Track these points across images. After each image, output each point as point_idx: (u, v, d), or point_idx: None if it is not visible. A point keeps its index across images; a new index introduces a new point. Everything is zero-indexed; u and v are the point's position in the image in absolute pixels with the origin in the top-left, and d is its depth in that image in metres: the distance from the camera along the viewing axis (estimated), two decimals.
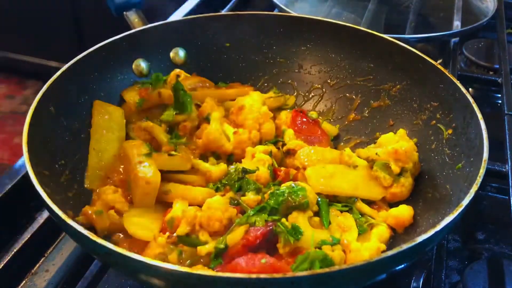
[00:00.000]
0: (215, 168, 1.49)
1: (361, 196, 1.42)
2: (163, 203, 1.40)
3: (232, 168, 1.48)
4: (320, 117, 1.81)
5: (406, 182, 1.42)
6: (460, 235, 1.57)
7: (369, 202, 1.44)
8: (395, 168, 1.40)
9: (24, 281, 1.38)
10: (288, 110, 1.78)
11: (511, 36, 2.50)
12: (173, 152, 1.50)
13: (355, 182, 1.43)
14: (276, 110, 1.78)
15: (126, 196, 1.41)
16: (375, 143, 1.59)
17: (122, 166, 1.49)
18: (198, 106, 1.69)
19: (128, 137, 1.60)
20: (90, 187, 1.45)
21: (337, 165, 1.48)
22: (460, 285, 1.37)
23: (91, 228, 1.31)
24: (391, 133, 1.52)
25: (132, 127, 1.62)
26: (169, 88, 1.66)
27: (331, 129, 1.78)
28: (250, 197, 1.35)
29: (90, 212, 1.32)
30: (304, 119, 1.69)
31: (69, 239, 1.46)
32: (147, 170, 1.38)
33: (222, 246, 1.20)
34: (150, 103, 1.66)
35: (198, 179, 1.48)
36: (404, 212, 1.36)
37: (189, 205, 1.33)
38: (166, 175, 1.42)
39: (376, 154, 1.46)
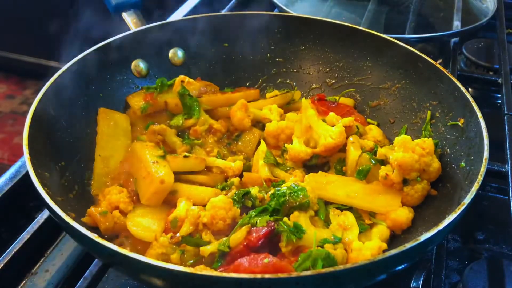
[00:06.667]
0: (235, 164, 1.53)
1: (358, 206, 1.41)
2: (167, 203, 1.40)
3: None
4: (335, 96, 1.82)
5: (412, 191, 1.39)
6: (460, 235, 1.57)
7: None
8: (396, 178, 1.38)
9: (24, 281, 1.38)
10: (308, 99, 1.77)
11: (511, 36, 2.50)
12: (187, 154, 1.51)
13: (354, 193, 1.41)
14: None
15: (131, 196, 1.42)
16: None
17: (127, 167, 1.50)
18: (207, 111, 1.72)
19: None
20: (96, 193, 1.45)
21: (343, 177, 1.49)
22: (460, 285, 1.37)
23: (93, 228, 1.31)
24: (404, 136, 1.42)
25: (136, 129, 1.65)
26: (174, 94, 1.67)
27: (349, 101, 1.81)
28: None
29: (95, 212, 1.32)
30: (331, 104, 1.72)
31: (69, 239, 1.46)
32: (162, 170, 1.39)
33: (226, 249, 1.20)
34: (154, 108, 1.67)
35: (207, 179, 1.49)
36: (403, 215, 1.35)
37: (195, 205, 1.34)
38: (175, 175, 1.43)
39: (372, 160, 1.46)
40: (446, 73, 1.55)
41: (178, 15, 2.46)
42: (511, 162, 1.52)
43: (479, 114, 1.38)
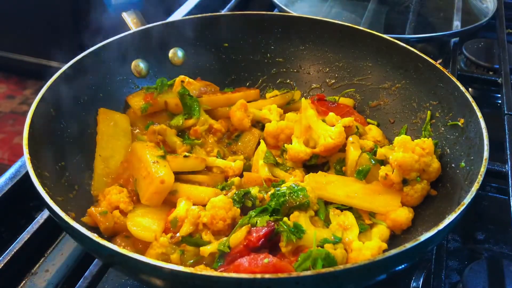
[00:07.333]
0: (236, 164, 1.54)
1: (358, 206, 1.41)
2: (167, 203, 1.40)
3: None
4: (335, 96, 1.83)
5: (412, 191, 1.38)
6: (460, 235, 1.57)
7: None
8: (396, 178, 1.38)
9: (24, 281, 1.38)
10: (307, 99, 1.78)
11: (511, 36, 2.50)
12: (187, 154, 1.52)
13: (353, 193, 1.41)
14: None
15: (131, 196, 1.42)
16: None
17: (128, 167, 1.50)
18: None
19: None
20: (96, 193, 1.45)
21: (342, 177, 1.49)
22: (460, 285, 1.37)
23: (93, 228, 1.31)
24: (404, 136, 1.42)
25: (136, 129, 1.65)
26: (174, 94, 1.67)
27: (349, 101, 1.82)
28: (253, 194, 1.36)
29: (95, 212, 1.32)
30: (330, 104, 1.73)
31: (69, 239, 1.46)
32: (163, 170, 1.39)
33: (226, 249, 1.20)
34: (155, 108, 1.68)
35: (207, 179, 1.49)
36: (402, 215, 1.35)
37: (195, 205, 1.34)
38: (175, 175, 1.43)
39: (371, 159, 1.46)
40: (446, 73, 1.55)
41: (178, 15, 2.46)
42: (511, 162, 1.52)
43: (479, 114, 1.37)
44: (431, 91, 1.61)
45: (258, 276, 0.92)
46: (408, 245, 1.00)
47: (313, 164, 1.58)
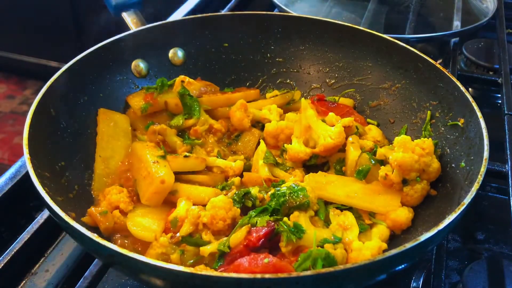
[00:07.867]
0: (236, 164, 1.54)
1: (358, 206, 1.41)
2: (167, 203, 1.40)
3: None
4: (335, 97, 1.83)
5: (412, 191, 1.38)
6: (460, 235, 1.57)
7: None
8: (396, 178, 1.38)
9: (24, 281, 1.38)
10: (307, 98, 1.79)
11: (511, 36, 2.50)
12: (188, 154, 1.52)
13: (353, 193, 1.41)
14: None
15: (131, 196, 1.42)
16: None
17: (128, 166, 1.51)
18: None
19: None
20: (96, 193, 1.45)
21: (342, 177, 1.49)
22: (460, 285, 1.37)
23: (93, 228, 1.31)
24: (404, 137, 1.42)
25: (137, 129, 1.66)
26: (174, 94, 1.67)
27: (349, 101, 1.82)
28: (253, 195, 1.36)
29: (95, 212, 1.32)
30: (330, 104, 1.73)
31: (69, 239, 1.46)
32: (163, 170, 1.39)
33: (226, 249, 1.20)
34: (155, 108, 1.68)
35: (207, 179, 1.49)
36: (402, 215, 1.35)
37: (195, 205, 1.34)
38: (175, 175, 1.43)
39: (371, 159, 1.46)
40: (446, 73, 1.55)
41: (178, 15, 2.46)
42: (511, 162, 1.52)
43: (479, 114, 1.37)
44: (431, 91, 1.61)
45: (258, 276, 0.92)
46: (408, 245, 1.00)
47: (313, 164, 1.57)
